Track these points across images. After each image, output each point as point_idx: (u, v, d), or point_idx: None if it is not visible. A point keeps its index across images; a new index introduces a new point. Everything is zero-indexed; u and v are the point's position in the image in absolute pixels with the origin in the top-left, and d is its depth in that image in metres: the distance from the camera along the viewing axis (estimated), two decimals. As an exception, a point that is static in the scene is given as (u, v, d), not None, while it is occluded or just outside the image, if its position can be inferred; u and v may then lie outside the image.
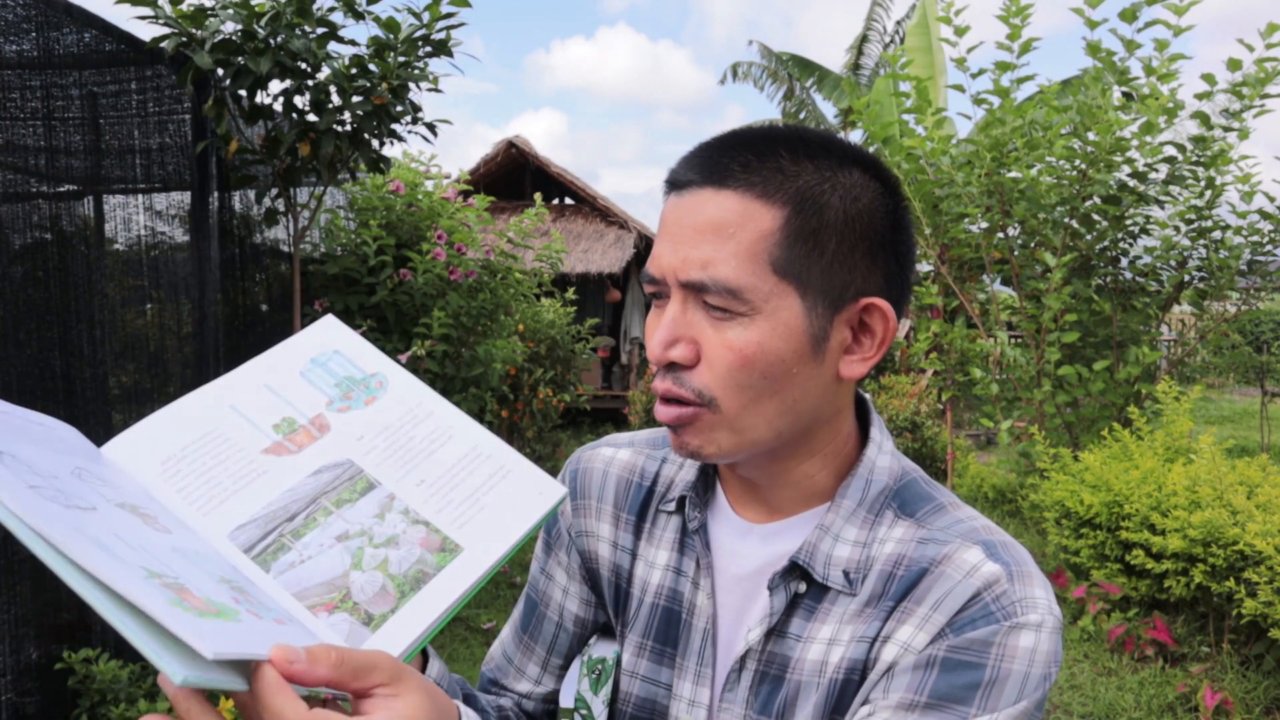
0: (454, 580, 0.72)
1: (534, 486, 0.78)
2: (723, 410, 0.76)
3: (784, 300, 0.74)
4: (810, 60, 16.36)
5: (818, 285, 0.75)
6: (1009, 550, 0.78)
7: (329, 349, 0.85)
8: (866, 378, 0.85)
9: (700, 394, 0.76)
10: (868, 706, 0.75)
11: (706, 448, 0.78)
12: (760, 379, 0.75)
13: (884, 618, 0.77)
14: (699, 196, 0.75)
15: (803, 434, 0.80)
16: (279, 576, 0.70)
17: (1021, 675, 0.72)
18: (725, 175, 0.75)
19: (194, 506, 0.74)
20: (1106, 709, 3.64)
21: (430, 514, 0.76)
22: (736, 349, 0.74)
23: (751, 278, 0.73)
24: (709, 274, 0.73)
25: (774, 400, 0.76)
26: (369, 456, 0.79)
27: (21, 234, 3.04)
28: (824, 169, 0.76)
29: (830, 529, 0.81)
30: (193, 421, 0.79)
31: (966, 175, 5.52)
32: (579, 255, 12.23)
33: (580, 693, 0.90)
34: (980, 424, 6.57)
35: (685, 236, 0.75)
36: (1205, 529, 3.67)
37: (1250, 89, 5.11)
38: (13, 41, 2.93)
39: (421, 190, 5.52)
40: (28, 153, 3.03)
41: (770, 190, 0.74)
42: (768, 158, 0.75)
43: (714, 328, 0.75)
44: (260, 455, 0.78)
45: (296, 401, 0.81)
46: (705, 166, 0.76)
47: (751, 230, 0.73)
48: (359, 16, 3.78)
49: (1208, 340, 6.05)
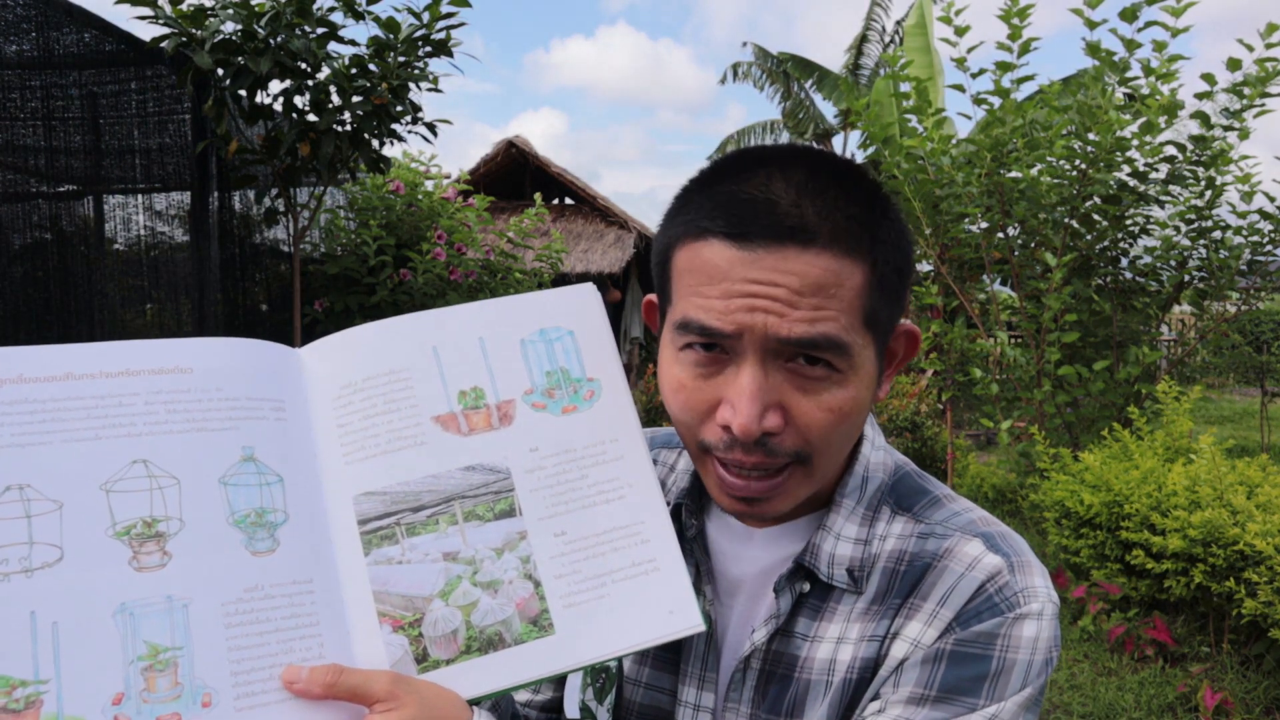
0: (526, 660, 0.68)
1: (670, 602, 0.72)
2: (814, 465, 0.75)
3: (867, 351, 0.74)
4: (810, 60, 16.36)
5: (884, 327, 0.76)
6: (1007, 541, 0.80)
7: (565, 326, 0.78)
8: None
9: (797, 454, 0.74)
10: (877, 703, 0.75)
11: (784, 508, 0.77)
12: (851, 429, 0.76)
13: (892, 615, 0.78)
14: (783, 256, 0.70)
15: None
16: (372, 566, 0.69)
17: (1025, 664, 0.74)
18: (809, 232, 0.70)
19: (341, 450, 0.71)
20: (1106, 709, 3.64)
21: (548, 576, 0.70)
22: (836, 409, 0.73)
23: (853, 332, 0.72)
24: (818, 330, 0.70)
25: (850, 442, 0.78)
26: (528, 477, 0.73)
27: (21, 234, 3.04)
28: (877, 211, 0.75)
29: (832, 528, 0.81)
30: (391, 349, 0.74)
31: (966, 175, 5.52)
32: (579, 255, 12.24)
33: (585, 702, 0.90)
34: (980, 424, 6.57)
35: (777, 294, 0.70)
36: (1205, 529, 3.67)
37: (1250, 89, 5.11)
38: (13, 41, 2.93)
39: (421, 190, 5.53)
40: (28, 153, 3.03)
41: (853, 246, 0.72)
42: (836, 208, 0.72)
43: (804, 390, 0.72)
44: (429, 422, 0.73)
45: (498, 372, 0.75)
46: (775, 218, 0.71)
47: (850, 286, 0.72)
48: (359, 16, 3.78)
49: (1208, 340, 6.05)
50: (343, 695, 0.63)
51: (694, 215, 0.75)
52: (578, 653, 0.68)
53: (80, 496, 0.63)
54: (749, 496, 0.75)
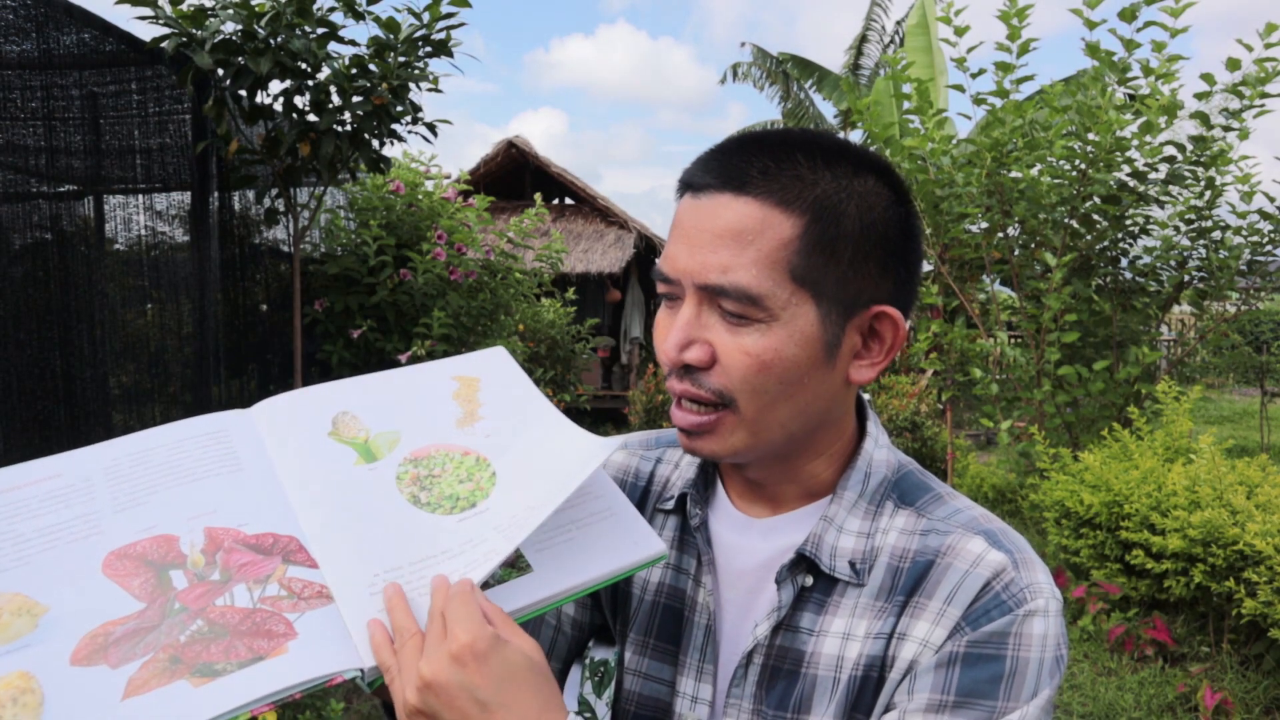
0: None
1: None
2: (741, 412, 0.77)
3: (800, 308, 0.75)
4: (810, 60, 16.35)
5: (832, 293, 0.76)
6: (1008, 537, 0.80)
7: None
8: None
9: (720, 394, 0.77)
10: (893, 714, 0.75)
11: (721, 450, 0.79)
12: (776, 384, 0.76)
13: (898, 613, 0.78)
14: (717, 201, 0.75)
15: (811, 435, 0.82)
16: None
17: (1038, 661, 0.74)
18: (744, 181, 0.75)
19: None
20: (1106, 709, 3.64)
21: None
22: (754, 354, 0.75)
23: (770, 285, 0.74)
24: (728, 279, 0.74)
25: (788, 404, 0.78)
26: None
27: (21, 234, 3.05)
28: (840, 177, 0.76)
29: (834, 521, 0.82)
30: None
31: (967, 175, 5.52)
32: (579, 255, 12.23)
33: (583, 695, 0.90)
34: (980, 424, 6.57)
35: (703, 240, 0.75)
36: (1205, 529, 3.67)
37: (1250, 89, 5.11)
38: (13, 41, 2.93)
39: (421, 190, 5.52)
40: (28, 153, 3.03)
41: (789, 198, 0.74)
42: (786, 164, 0.75)
43: (730, 332, 0.76)
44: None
45: None
46: (723, 170, 0.76)
47: (771, 238, 0.74)
48: (359, 17, 3.78)
49: (1208, 340, 6.05)
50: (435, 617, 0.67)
51: (682, 176, 0.81)
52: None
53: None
54: (685, 428, 0.80)
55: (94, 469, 0.77)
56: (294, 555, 0.73)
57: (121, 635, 0.66)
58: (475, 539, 0.75)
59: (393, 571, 0.72)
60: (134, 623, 0.67)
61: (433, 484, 0.80)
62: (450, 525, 0.77)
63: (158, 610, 0.68)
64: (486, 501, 0.79)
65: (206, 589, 0.70)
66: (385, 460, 0.81)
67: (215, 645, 0.66)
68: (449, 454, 0.82)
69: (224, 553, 0.72)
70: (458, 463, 0.82)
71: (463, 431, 0.84)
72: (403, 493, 0.78)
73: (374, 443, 0.82)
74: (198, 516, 0.74)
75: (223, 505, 0.75)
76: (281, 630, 0.68)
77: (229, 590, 0.70)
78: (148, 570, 0.70)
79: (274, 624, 0.68)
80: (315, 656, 0.66)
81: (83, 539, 0.72)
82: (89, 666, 0.64)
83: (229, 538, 0.73)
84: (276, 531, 0.74)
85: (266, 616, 0.68)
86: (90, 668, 0.64)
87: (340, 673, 0.66)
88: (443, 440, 0.83)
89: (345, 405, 0.85)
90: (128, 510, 0.74)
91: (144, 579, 0.70)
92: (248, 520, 0.75)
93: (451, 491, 0.79)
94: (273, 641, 0.67)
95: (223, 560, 0.72)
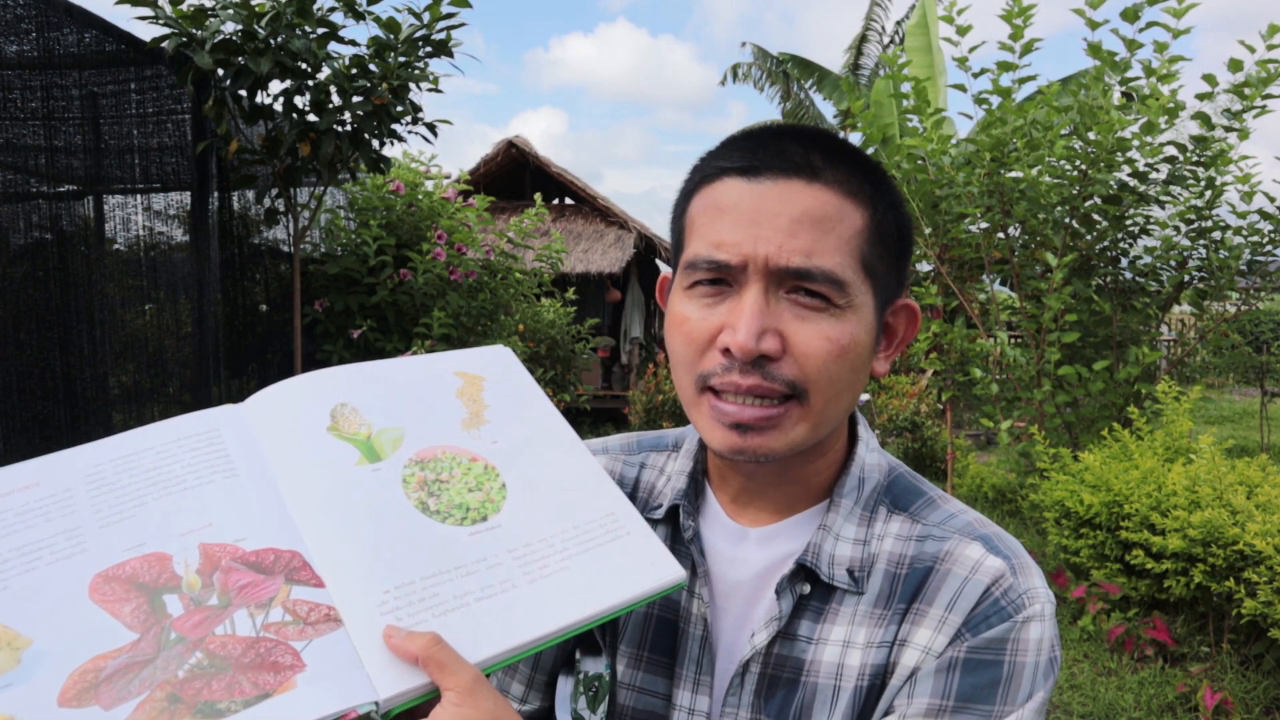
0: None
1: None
2: (810, 403, 0.76)
3: (866, 297, 0.77)
4: (809, 60, 16.35)
5: (883, 284, 0.79)
6: (1005, 542, 0.80)
7: None
8: None
9: (793, 385, 0.75)
10: (892, 717, 0.75)
11: (780, 446, 0.77)
12: (849, 372, 0.77)
13: (899, 620, 0.78)
14: (788, 186, 0.74)
15: (834, 430, 0.83)
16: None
17: (1033, 665, 0.75)
18: (815, 169, 0.75)
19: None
20: (1106, 709, 3.63)
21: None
22: (834, 340, 0.74)
23: (850, 272, 0.75)
24: (814, 264, 0.73)
25: (849, 394, 0.79)
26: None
27: (21, 234, 3.04)
28: (876, 175, 0.79)
29: (831, 529, 0.81)
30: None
31: (967, 175, 5.52)
32: (579, 255, 12.23)
33: (576, 710, 0.89)
34: (980, 424, 6.57)
35: (779, 224, 0.73)
36: (1205, 529, 3.66)
37: (1251, 89, 5.11)
38: (13, 41, 2.93)
39: (421, 190, 5.53)
40: (28, 153, 3.03)
41: (854, 189, 0.76)
42: (837, 157, 0.77)
43: (801, 319, 0.74)
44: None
45: None
46: (783, 157, 0.75)
47: (848, 225, 0.75)
48: (359, 17, 3.78)
49: (1208, 340, 6.04)
50: (430, 667, 0.62)
51: (710, 162, 0.80)
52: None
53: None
54: (741, 423, 0.75)
55: (74, 477, 0.70)
56: (298, 573, 0.67)
57: (113, 671, 0.60)
58: (489, 559, 0.70)
59: (404, 587, 0.67)
60: (126, 656, 0.61)
61: (441, 490, 0.74)
62: (462, 538, 0.71)
63: (152, 641, 0.62)
64: (498, 516, 0.74)
65: (205, 616, 0.64)
66: (389, 460, 0.75)
67: (217, 681, 0.60)
68: (456, 458, 0.77)
69: (222, 573, 0.66)
70: (466, 469, 0.76)
71: (469, 434, 0.79)
72: (410, 498, 0.73)
73: (377, 440, 0.76)
74: (191, 531, 0.68)
75: (218, 517, 0.69)
76: (288, 661, 0.62)
77: (229, 617, 0.64)
78: (139, 594, 0.64)
79: (279, 654, 0.62)
80: (326, 691, 0.61)
81: (65, 559, 0.65)
82: (79, 708, 0.58)
83: (226, 555, 0.67)
84: (278, 546, 0.68)
85: (271, 646, 0.62)
86: (81, 709, 0.58)
87: (354, 708, 0.60)
88: (449, 442, 0.78)
89: (344, 396, 0.78)
90: (113, 525, 0.67)
91: (135, 605, 0.63)
92: (246, 534, 0.68)
93: (461, 500, 0.74)
94: (279, 675, 0.61)
95: (221, 581, 0.65)
